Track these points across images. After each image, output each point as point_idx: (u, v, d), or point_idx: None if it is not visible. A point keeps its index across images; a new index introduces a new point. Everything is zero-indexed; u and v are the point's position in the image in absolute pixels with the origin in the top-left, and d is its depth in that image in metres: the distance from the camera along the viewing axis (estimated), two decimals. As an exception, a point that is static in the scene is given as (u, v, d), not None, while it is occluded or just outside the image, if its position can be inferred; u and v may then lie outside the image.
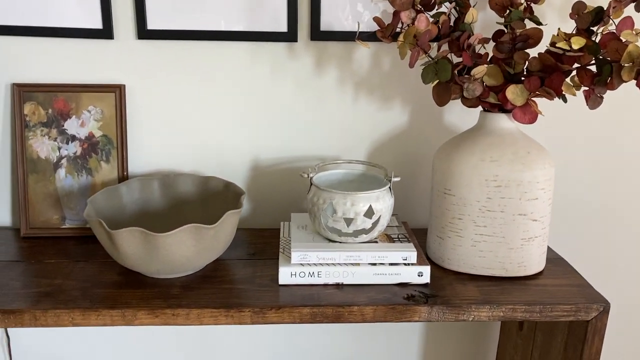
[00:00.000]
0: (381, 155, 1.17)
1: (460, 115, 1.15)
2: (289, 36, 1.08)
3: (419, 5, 0.90)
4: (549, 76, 0.90)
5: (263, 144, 1.16)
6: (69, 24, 1.06)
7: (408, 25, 0.87)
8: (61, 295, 0.90)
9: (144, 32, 1.07)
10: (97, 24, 1.06)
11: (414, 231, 1.09)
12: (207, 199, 1.10)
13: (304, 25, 1.08)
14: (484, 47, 0.94)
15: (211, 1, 1.05)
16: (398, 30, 0.94)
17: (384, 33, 0.90)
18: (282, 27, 1.07)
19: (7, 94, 1.10)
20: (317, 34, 1.08)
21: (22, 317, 0.85)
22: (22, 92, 1.08)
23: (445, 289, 0.94)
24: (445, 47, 0.96)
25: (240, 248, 1.08)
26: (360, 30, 1.06)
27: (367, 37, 0.99)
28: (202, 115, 1.14)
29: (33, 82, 1.09)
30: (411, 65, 0.87)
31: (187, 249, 0.89)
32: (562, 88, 0.88)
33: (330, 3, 1.06)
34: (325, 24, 1.08)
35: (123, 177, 1.11)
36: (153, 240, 0.86)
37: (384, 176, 1.01)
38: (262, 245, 1.09)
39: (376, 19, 0.92)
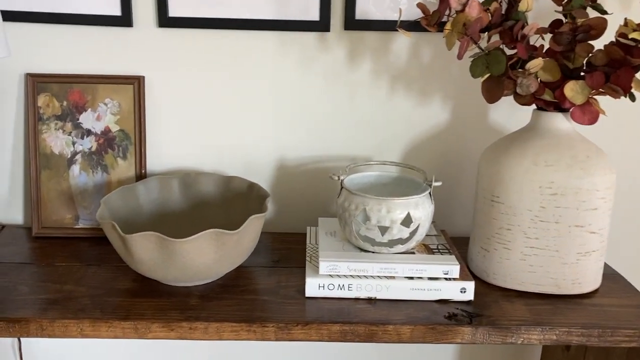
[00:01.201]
0: (417, 157, 1.08)
1: (507, 113, 1.05)
2: (321, 26, 0.99)
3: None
4: (615, 71, 0.80)
5: (289, 142, 1.08)
6: (86, 10, 0.99)
7: (457, 12, 0.77)
8: (70, 303, 0.83)
9: (165, 20, 0.99)
10: (115, 10, 0.99)
11: (453, 240, 0.99)
12: (229, 201, 1.02)
13: (338, 13, 1.00)
14: (543, 38, 0.84)
15: (237, -14, 0.98)
16: (444, 19, 0.84)
17: (429, 21, 0.80)
18: (314, 15, 0.99)
19: (21, 85, 1.04)
20: (352, 23, 0.99)
21: (28, 327, 0.79)
22: (36, 83, 1.02)
23: (490, 308, 0.84)
24: (495, 37, 0.86)
25: (263, 254, 0.99)
26: (401, 18, 0.98)
27: (408, 26, 0.89)
28: (224, 110, 1.06)
29: (47, 73, 1.02)
30: (460, 56, 0.78)
31: (207, 256, 0.81)
32: (632, 85, 0.78)
33: (367, -11, 0.97)
34: (361, 12, 0.99)
35: (141, 176, 1.04)
36: (170, 246, 0.79)
37: (423, 180, 0.92)
38: (287, 251, 1.01)
39: (420, 5, 0.82)
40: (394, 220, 0.83)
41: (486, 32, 0.83)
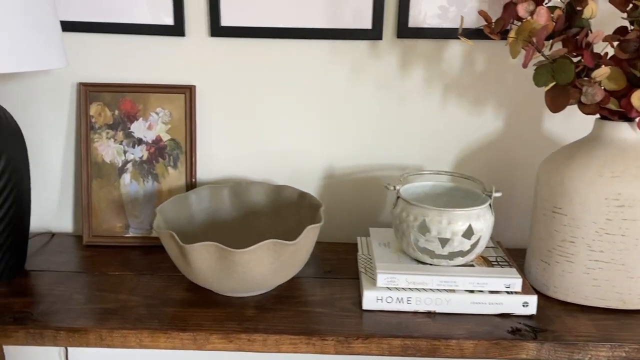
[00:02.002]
0: (469, 166, 1.06)
1: (562, 122, 1.03)
2: (374, 34, 0.98)
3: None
4: (687, 79, 0.77)
5: (338, 151, 1.07)
6: (139, 20, 1.00)
7: (523, 19, 0.75)
8: (127, 313, 0.83)
9: (217, 29, 0.99)
10: (168, 20, 0.99)
11: (507, 252, 0.97)
12: (279, 210, 1.01)
13: (390, 21, 0.98)
14: (612, 46, 0.82)
15: (289, -5, 0.97)
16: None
17: (493, 29, 0.79)
18: (366, 24, 0.98)
19: (73, 94, 1.05)
20: (405, 31, 0.98)
21: (87, 337, 0.79)
22: (89, 92, 1.02)
23: (553, 323, 0.82)
24: (557, 45, 0.84)
25: (313, 264, 0.98)
26: (447, 25, 0.96)
27: (467, 33, 0.88)
28: (274, 119, 1.05)
29: (100, 82, 1.03)
30: (525, 65, 0.76)
31: (264, 267, 0.80)
32: None
33: (421, -3, 0.96)
34: (414, 20, 0.97)
35: (191, 184, 1.04)
36: (229, 257, 0.78)
37: (482, 191, 0.90)
38: (337, 261, 1.00)
39: (482, 13, 0.81)
40: (455, 232, 0.81)
41: (550, 40, 0.81)
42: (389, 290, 0.83)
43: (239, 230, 1.01)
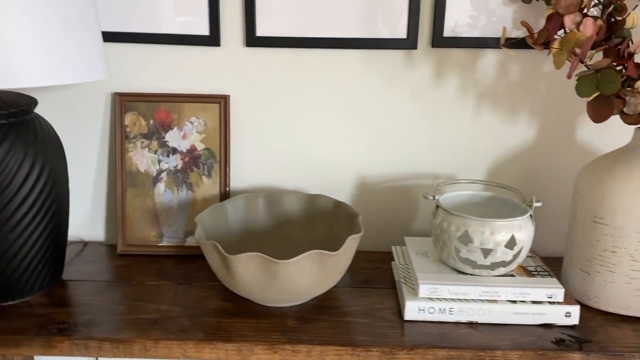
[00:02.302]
0: (502, 175, 1.06)
1: (595, 132, 1.03)
2: (409, 43, 0.98)
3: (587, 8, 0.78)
4: None
5: (371, 160, 1.07)
6: (174, 30, 1.00)
7: (567, 30, 0.76)
8: (169, 323, 0.83)
9: (252, 39, 0.99)
10: (204, 30, 1.00)
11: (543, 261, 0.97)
12: (313, 219, 1.01)
13: (425, 31, 0.99)
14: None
15: (325, 7, 0.97)
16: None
17: (536, 39, 0.79)
18: (402, 33, 0.98)
19: (108, 104, 1.05)
20: (440, 41, 0.98)
21: (132, 348, 0.79)
22: (124, 102, 1.03)
23: (597, 333, 0.82)
24: (597, 55, 0.84)
25: (348, 274, 0.98)
26: (482, 35, 0.96)
27: (500, 43, 0.88)
28: (307, 128, 1.05)
29: (135, 92, 1.04)
30: (569, 76, 0.76)
31: (308, 277, 0.81)
32: None
33: (457, 7, 0.96)
34: (449, 30, 0.98)
35: (225, 193, 1.04)
36: (274, 267, 0.78)
37: (522, 201, 0.90)
38: (372, 271, 1.00)
39: (524, 23, 0.81)
40: (497, 242, 0.81)
41: (591, 50, 0.81)
42: (430, 300, 0.83)
43: (273, 239, 1.01)
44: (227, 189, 1.04)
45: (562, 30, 0.81)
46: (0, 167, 0.78)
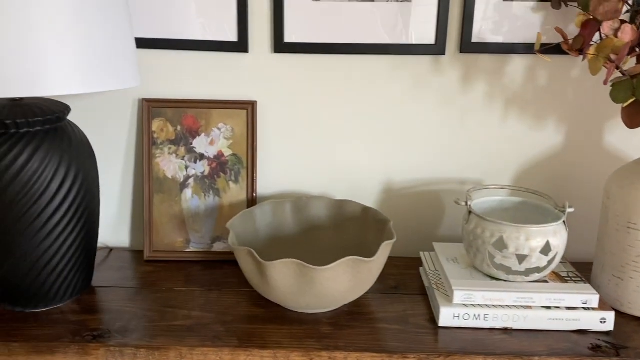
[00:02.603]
0: (529, 180, 1.06)
1: (623, 137, 1.02)
2: (437, 49, 0.98)
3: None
4: None
5: (397, 165, 1.07)
6: (202, 36, 1.00)
7: (604, 36, 0.76)
8: (204, 330, 0.83)
9: (280, 46, 1.00)
10: (232, 36, 1.00)
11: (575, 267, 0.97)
12: (341, 224, 1.01)
13: (454, 37, 0.99)
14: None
15: (352, 13, 0.98)
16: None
17: (572, 45, 0.79)
18: (430, 39, 0.98)
19: (135, 110, 1.05)
20: (468, 46, 0.98)
21: (167, 355, 0.78)
22: (151, 108, 1.03)
23: (632, 339, 0.81)
24: (631, 61, 0.84)
25: (378, 280, 0.97)
26: (510, 41, 0.97)
27: (526, 48, 0.88)
28: (334, 133, 1.06)
29: (162, 98, 1.04)
30: (606, 82, 0.76)
31: (342, 283, 0.80)
32: None
33: (484, 14, 0.96)
34: (477, 36, 0.98)
35: (252, 199, 1.04)
36: (310, 274, 0.78)
37: (554, 206, 0.90)
38: (401, 277, 1.00)
39: (558, 30, 0.81)
40: (532, 248, 0.81)
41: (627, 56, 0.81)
42: (465, 307, 0.83)
43: (300, 245, 1.01)
44: (254, 194, 1.04)
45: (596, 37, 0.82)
46: (36, 174, 0.78)
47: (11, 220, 0.79)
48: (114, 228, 1.12)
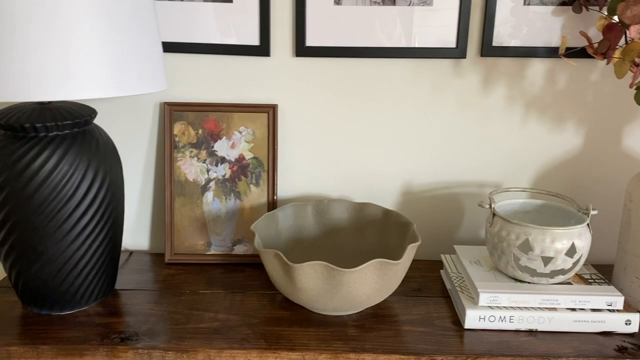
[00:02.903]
0: (548, 182, 1.06)
1: (641, 140, 1.04)
2: (458, 52, 0.99)
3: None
4: None
5: (416, 168, 1.07)
6: (223, 40, 1.01)
7: (629, 40, 0.76)
8: (231, 332, 0.83)
9: (302, 49, 1.00)
10: (254, 40, 1.01)
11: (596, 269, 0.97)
12: (362, 227, 1.01)
13: (474, 40, 1.00)
14: None
15: (373, 17, 0.98)
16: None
17: (597, 49, 0.80)
18: (451, 43, 0.99)
19: (156, 113, 1.06)
20: (489, 50, 0.99)
21: (196, 357, 0.79)
22: (173, 112, 1.04)
23: (657, 341, 0.82)
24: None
25: (400, 283, 0.98)
26: (530, 44, 0.97)
27: (544, 52, 0.89)
28: (354, 136, 1.06)
29: (184, 101, 1.04)
30: (632, 85, 0.77)
31: (369, 285, 0.81)
32: None
33: (505, 17, 0.97)
34: (498, 39, 0.99)
35: (272, 202, 1.05)
36: (338, 276, 0.78)
37: (577, 209, 0.90)
38: (422, 279, 1.00)
39: (582, 33, 0.82)
40: (558, 250, 0.82)
41: (650, 60, 0.82)
42: (490, 309, 0.83)
43: (321, 247, 1.01)
44: (275, 197, 1.05)
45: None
46: (65, 177, 0.79)
47: (40, 223, 0.79)
48: (133, 231, 1.12)
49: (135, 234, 1.12)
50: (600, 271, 0.99)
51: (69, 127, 0.81)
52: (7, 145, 0.79)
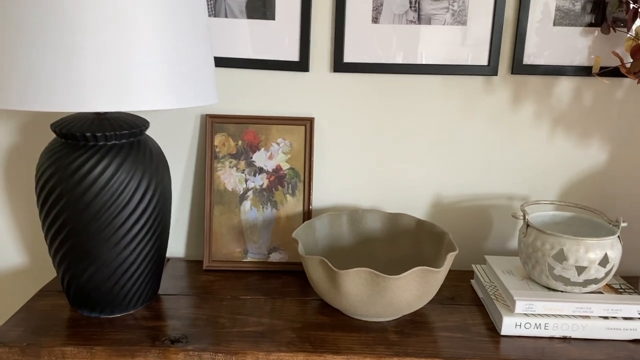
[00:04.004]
0: (574, 195, 1.10)
1: (665, 156, 1.08)
2: (490, 70, 1.03)
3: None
4: None
5: (446, 180, 1.11)
6: (264, 55, 1.05)
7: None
8: (276, 336, 0.86)
9: (340, 65, 1.04)
10: (294, 56, 1.05)
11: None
12: (396, 237, 1.05)
13: (506, 58, 1.04)
14: None
15: (409, 35, 1.03)
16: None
17: (629, 69, 0.84)
18: (483, 60, 1.03)
19: (197, 124, 1.10)
20: (519, 68, 1.03)
21: (245, 359, 0.82)
22: (214, 123, 1.08)
23: (686, 349, 0.85)
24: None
25: (431, 290, 1.02)
26: (559, 63, 1.02)
27: (574, 70, 0.93)
28: (387, 148, 1.10)
29: (225, 114, 1.08)
30: (663, 103, 0.81)
31: (411, 292, 0.84)
32: None
33: (535, 36, 1.02)
34: (528, 57, 1.03)
35: (308, 212, 1.08)
36: (382, 282, 0.82)
37: (607, 221, 0.94)
38: (454, 288, 1.03)
39: (615, 54, 0.86)
40: (592, 260, 0.85)
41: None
42: (526, 316, 0.86)
43: (356, 256, 1.05)
44: (310, 207, 1.08)
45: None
46: (122, 185, 0.82)
47: (96, 229, 0.83)
48: (171, 239, 1.15)
49: (173, 241, 1.15)
50: (628, 282, 1.03)
51: (125, 137, 0.84)
52: (67, 153, 0.82)
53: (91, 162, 0.81)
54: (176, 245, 1.16)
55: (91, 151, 0.82)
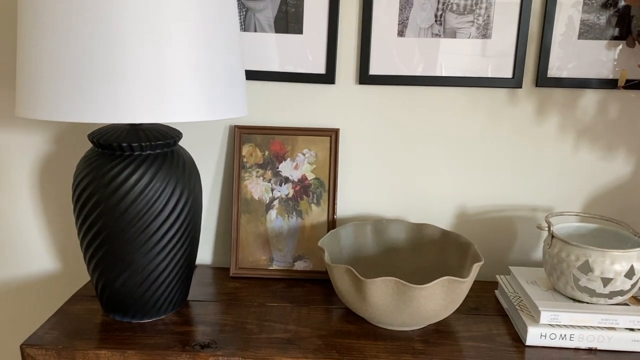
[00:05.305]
0: (598, 207, 1.10)
1: (690, 168, 1.08)
2: (514, 82, 1.05)
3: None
4: None
5: (470, 191, 1.12)
6: (291, 68, 1.08)
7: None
8: (303, 343, 0.88)
9: (365, 77, 1.07)
10: (320, 69, 1.07)
11: None
12: (419, 247, 1.06)
13: (530, 71, 1.05)
14: None
15: (435, 48, 1.04)
16: None
17: (655, 82, 0.85)
18: (507, 73, 1.05)
19: (225, 135, 1.13)
20: (544, 81, 1.04)
21: (273, 365, 0.84)
22: (242, 134, 1.10)
23: None
24: None
25: (455, 300, 1.03)
26: (583, 76, 1.03)
27: (594, 83, 0.94)
28: (411, 160, 1.12)
29: (252, 125, 1.11)
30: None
31: (437, 302, 0.85)
32: None
33: (560, 49, 1.03)
34: (553, 70, 1.04)
35: (332, 221, 1.10)
36: (408, 292, 0.83)
37: (633, 233, 0.94)
38: (477, 298, 1.04)
39: (640, 68, 0.87)
40: (617, 272, 0.86)
41: None
42: (551, 327, 0.87)
43: (380, 265, 1.06)
44: (335, 216, 1.10)
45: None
46: (157, 193, 0.85)
47: (131, 236, 0.86)
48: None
49: (200, 248, 1.18)
50: (651, 295, 1.02)
51: (160, 147, 0.87)
52: (103, 163, 0.86)
53: (127, 171, 0.84)
54: (203, 253, 1.19)
55: (127, 161, 0.85)
